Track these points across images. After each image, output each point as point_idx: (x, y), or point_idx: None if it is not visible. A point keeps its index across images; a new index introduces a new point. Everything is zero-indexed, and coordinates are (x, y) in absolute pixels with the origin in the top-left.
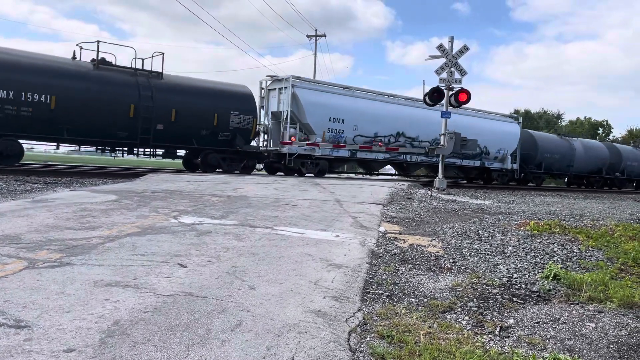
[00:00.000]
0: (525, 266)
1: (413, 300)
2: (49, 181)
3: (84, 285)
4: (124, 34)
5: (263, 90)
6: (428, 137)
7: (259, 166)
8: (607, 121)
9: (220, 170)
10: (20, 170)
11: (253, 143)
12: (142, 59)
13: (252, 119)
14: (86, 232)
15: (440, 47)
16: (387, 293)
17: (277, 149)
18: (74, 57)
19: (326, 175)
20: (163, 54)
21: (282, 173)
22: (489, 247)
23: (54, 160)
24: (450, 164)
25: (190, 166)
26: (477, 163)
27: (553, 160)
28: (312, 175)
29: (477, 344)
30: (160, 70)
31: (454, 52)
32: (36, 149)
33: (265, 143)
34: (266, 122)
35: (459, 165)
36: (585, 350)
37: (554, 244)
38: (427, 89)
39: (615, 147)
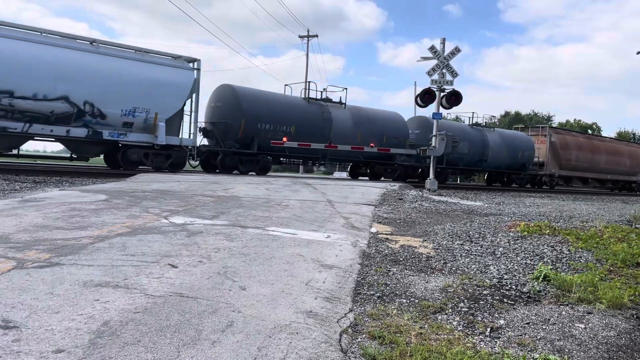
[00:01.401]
0: (516, 267)
1: (404, 301)
2: (38, 180)
3: (73, 286)
4: (115, 33)
5: None
6: None
7: None
8: (596, 124)
9: None
10: (9, 169)
11: None
12: None
13: None
14: (75, 232)
15: (432, 48)
16: (378, 294)
17: None
18: None
19: (314, 176)
20: None
21: None
22: (479, 248)
23: (43, 159)
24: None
25: None
26: (81, 132)
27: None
28: None
29: (467, 344)
30: None
31: (445, 54)
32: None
33: None
34: None
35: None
36: (575, 351)
37: (544, 245)
38: (419, 90)
39: (429, 123)
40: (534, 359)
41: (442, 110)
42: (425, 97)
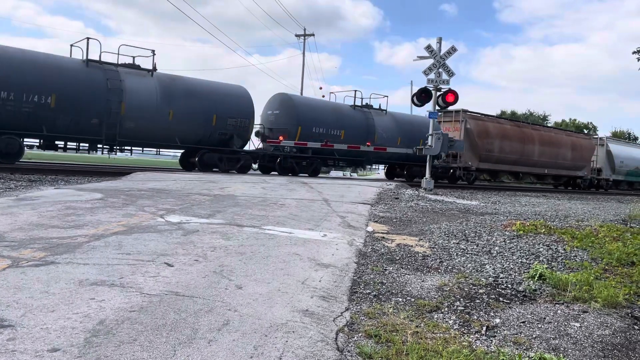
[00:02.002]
0: (512, 266)
1: (400, 299)
2: (34, 179)
3: (68, 285)
4: (111, 31)
5: None
6: None
7: None
8: (591, 123)
9: None
10: (4, 167)
11: None
12: None
13: None
14: (71, 230)
15: (429, 47)
16: (374, 293)
17: None
18: None
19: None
20: None
21: None
22: (475, 247)
23: (39, 158)
24: None
25: None
26: None
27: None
28: None
29: (463, 343)
30: None
31: (441, 53)
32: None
33: None
34: None
35: None
36: (570, 350)
37: (539, 244)
38: (415, 90)
39: (292, 103)
40: (529, 357)
41: (437, 108)
42: (422, 97)
